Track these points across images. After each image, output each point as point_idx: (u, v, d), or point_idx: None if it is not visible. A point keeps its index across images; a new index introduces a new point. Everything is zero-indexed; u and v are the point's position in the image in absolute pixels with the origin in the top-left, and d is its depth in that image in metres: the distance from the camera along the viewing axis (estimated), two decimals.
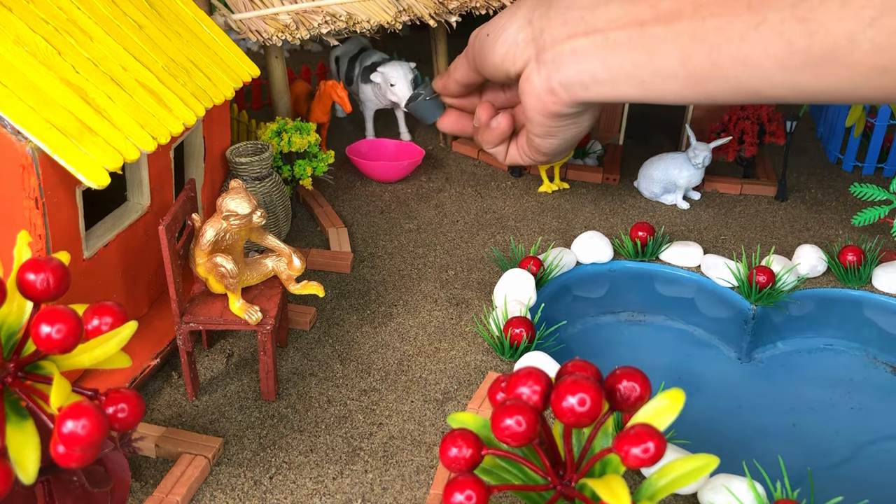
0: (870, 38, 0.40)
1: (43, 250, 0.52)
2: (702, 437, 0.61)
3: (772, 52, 0.45)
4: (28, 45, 0.53)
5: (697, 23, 0.47)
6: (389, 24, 0.88)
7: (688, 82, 0.50)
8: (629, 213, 0.90)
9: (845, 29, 0.41)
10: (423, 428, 0.58)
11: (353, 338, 0.68)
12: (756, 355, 0.77)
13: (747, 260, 0.80)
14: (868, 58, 0.41)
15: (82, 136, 0.51)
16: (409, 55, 1.08)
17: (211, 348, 0.65)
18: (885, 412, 0.72)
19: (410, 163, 0.95)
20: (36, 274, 0.36)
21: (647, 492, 0.37)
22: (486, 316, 0.70)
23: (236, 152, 0.75)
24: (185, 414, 0.58)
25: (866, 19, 0.40)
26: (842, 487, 0.52)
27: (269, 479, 0.53)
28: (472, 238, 0.84)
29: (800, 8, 0.43)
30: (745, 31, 0.45)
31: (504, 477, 0.39)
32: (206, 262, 0.56)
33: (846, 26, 0.41)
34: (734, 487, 0.50)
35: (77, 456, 0.34)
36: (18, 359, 0.37)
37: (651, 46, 0.50)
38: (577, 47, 0.54)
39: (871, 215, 0.80)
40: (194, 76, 0.65)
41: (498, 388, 0.39)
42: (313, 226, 0.86)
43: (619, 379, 0.36)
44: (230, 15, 0.80)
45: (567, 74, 0.55)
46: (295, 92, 0.95)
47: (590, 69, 0.54)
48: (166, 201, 0.66)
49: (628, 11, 0.51)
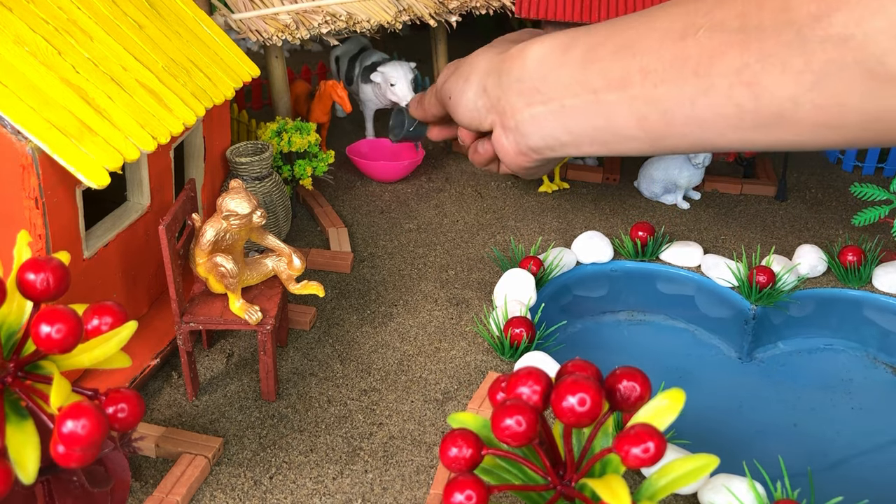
0: (811, 99, 0.43)
1: (43, 250, 0.52)
2: (702, 437, 0.61)
3: (723, 114, 0.48)
4: (28, 45, 0.53)
5: (648, 89, 0.50)
6: (389, 24, 0.88)
7: (647, 141, 0.53)
8: (629, 212, 0.90)
9: (789, 92, 0.44)
10: (423, 428, 0.58)
11: (354, 338, 0.68)
12: (756, 355, 0.77)
13: (747, 260, 0.80)
14: (811, 116, 0.44)
15: (82, 136, 0.51)
16: (409, 55, 1.08)
17: (211, 348, 0.65)
18: (885, 412, 0.72)
19: (410, 163, 0.95)
20: (36, 274, 0.36)
21: (647, 492, 0.37)
22: (487, 316, 0.70)
23: (236, 152, 0.75)
24: (185, 414, 0.58)
25: (807, 84, 0.43)
26: (842, 487, 0.52)
27: (269, 479, 0.53)
28: (473, 238, 0.84)
29: (744, 74, 0.46)
30: (695, 96, 0.48)
31: (504, 477, 0.39)
32: (206, 262, 0.56)
33: (789, 90, 0.44)
34: (734, 487, 0.50)
35: (77, 456, 0.34)
36: (18, 359, 0.37)
37: (607, 112, 0.53)
38: (537, 114, 0.57)
39: (871, 215, 0.80)
40: (194, 76, 0.65)
41: (498, 387, 0.39)
42: (313, 226, 0.86)
43: (619, 379, 0.36)
44: (230, 15, 0.80)
45: (533, 140, 0.58)
46: (295, 92, 0.95)
47: (553, 134, 0.57)
48: (166, 201, 0.66)
49: (579, 80, 0.54)
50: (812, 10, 0.42)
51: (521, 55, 0.57)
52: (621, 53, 0.52)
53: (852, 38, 0.40)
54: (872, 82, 0.41)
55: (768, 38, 0.44)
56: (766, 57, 0.45)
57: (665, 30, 0.50)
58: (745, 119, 0.47)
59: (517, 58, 0.58)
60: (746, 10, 0.45)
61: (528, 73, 0.57)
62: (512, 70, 0.58)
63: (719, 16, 0.47)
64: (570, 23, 0.85)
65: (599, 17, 0.83)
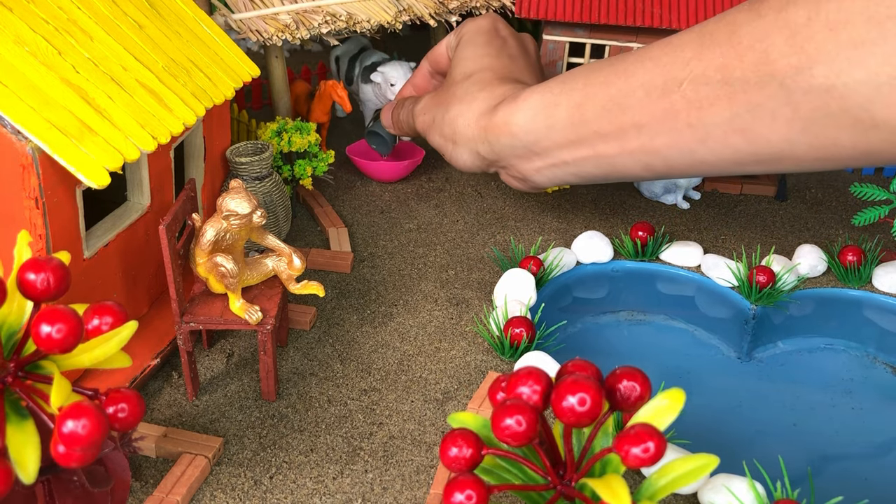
0: (805, 141, 0.45)
1: (43, 250, 0.52)
2: (702, 436, 0.61)
3: (723, 157, 0.49)
4: (28, 45, 0.53)
5: (646, 142, 0.52)
6: (389, 24, 0.88)
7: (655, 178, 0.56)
8: (629, 212, 0.90)
9: (782, 136, 0.45)
10: (424, 428, 0.58)
11: (354, 337, 0.68)
12: (756, 355, 0.77)
13: (747, 260, 0.80)
14: (808, 154, 0.46)
15: (82, 136, 0.51)
16: (409, 55, 1.08)
17: (211, 348, 0.65)
18: (885, 412, 0.72)
19: (410, 163, 0.95)
20: (36, 274, 0.36)
21: (647, 491, 0.37)
22: (487, 316, 0.70)
23: (236, 152, 0.75)
24: (186, 414, 0.58)
25: (798, 129, 0.44)
26: (842, 487, 0.52)
27: (270, 479, 0.53)
28: (473, 238, 0.84)
29: (735, 123, 0.47)
30: (694, 146, 0.50)
31: (504, 477, 0.39)
32: (206, 262, 0.56)
33: (782, 134, 0.45)
34: (734, 487, 0.50)
35: (77, 456, 0.34)
36: (19, 358, 0.37)
37: (612, 163, 0.55)
38: (541, 168, 0.59)
39: (872, 215, 0.80)
40: (194, 76, 0.65)
41: (498, 387, 0.39)
42: (313, 225, 0.86)
43: (619, 378, 0.36)
44: (230, 15, 0.80)
45: (541, 183, 0.61)
46: (295, 92, 0.95)
47: (562, 179, 0.60)
48: (166, 201, 0.66)
49: (573, 140, 0.56)
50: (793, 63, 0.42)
51: (505, 125, 0.58)
52: (610, 112, 0.52)
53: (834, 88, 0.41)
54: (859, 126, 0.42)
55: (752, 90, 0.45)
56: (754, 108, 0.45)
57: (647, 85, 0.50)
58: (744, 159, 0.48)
59: (502, 128, 0.58)
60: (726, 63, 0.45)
61: (519, 140, 0.57)
62: (500, 139, 0.58)
63: (699, 68, 0.47)
64: (571, 23, 0.85)
65: (599, 18, 0.83)
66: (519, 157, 0.58)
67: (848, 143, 0.43)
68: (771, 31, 0.43)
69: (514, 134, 0.57)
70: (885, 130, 0.40)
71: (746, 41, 0.44)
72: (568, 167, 0.56)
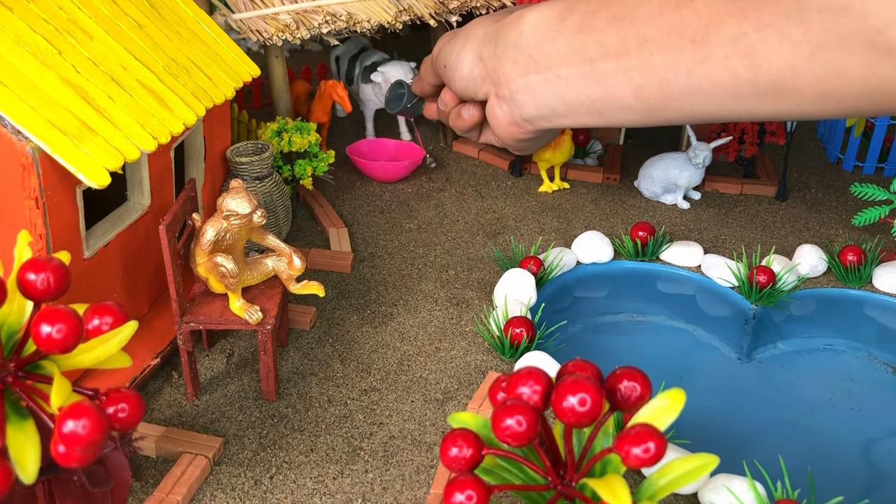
0: (810, 70, 0.42)
1: (43, 250, 0.52)
2: (702, 436, 0.61)
3: (720, 84, 0.47)
4: (28, 45, 0.53)
5: (645, 58, 0.49)
6: (389, 24, 0.88)
7: (643, 112, 0.52)
8: (629, 212, 0.90)
9: (787, 62, 0.43)
10: (424, 428, 0.58)
11: (354, 337, 0.68)
12: (756, 355, 0.77)
13: (748, 260, 0.80)
14: (811, 87, 0.43)
15: (83, 136, 0.51)
16: (409, 55, 1.08)
17: (211, 348, 0.65)
18: (885, 412, 0.72)
19: (411, 163, 0.95)
20: (36, 274, 0.36)
21: (647, 491, 0.37)
22: (487, 316, 0.70)
23: (237, 152, 0.75)
24: (186, 414, 0.58)
25: (805, 54, 0.42)
26: (842, 487, 0.52)
27: (270, 479, 0.53)
28: (473, 238, 0.84)
29: (741, 43, 0.45)
30: (692, 66, 0.47)
31: (504, 477, 0.39)
32: (206, 262, 0.56)
33: (787, 60, 0.43)
34: (734, 487, 0.50)
35: (77, 455, 0.34)
36: (19, 358, 0.37)
37: (603, 81, 0.52)
38: (532, 83, 0.56)
39: (872, 215, 0.80)
40: (195, 76, 0.65)
41: (498, 387, 0.39)
42: (313, 225, 0.86)
43: (619, 379, 0.36)
44: (230, 14, 0.80)
45: (527, 110, 0.56)
46: (295, 92, 0.95)
47: (548, 104, 0.55)
48: (167, 201, 0.66)
49: (576, 49, 0.53)
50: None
51: (517, 22, 0.56)
52: (619, 22, 0.50)
53: (851, 7, 0.39)
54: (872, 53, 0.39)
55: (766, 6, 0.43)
56: (763, 26, 0.43)
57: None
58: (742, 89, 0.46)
59: (514, 24, 0.56)
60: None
61: (525, 41, 0.55)
62: (508, 37, 0.56)
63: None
64: None
65: None
66: (517, 62, 0.56)
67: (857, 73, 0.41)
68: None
69: (521, 33, 0.55)
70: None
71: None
72: (560, 84, 0.54)
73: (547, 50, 0.54)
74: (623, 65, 0.50)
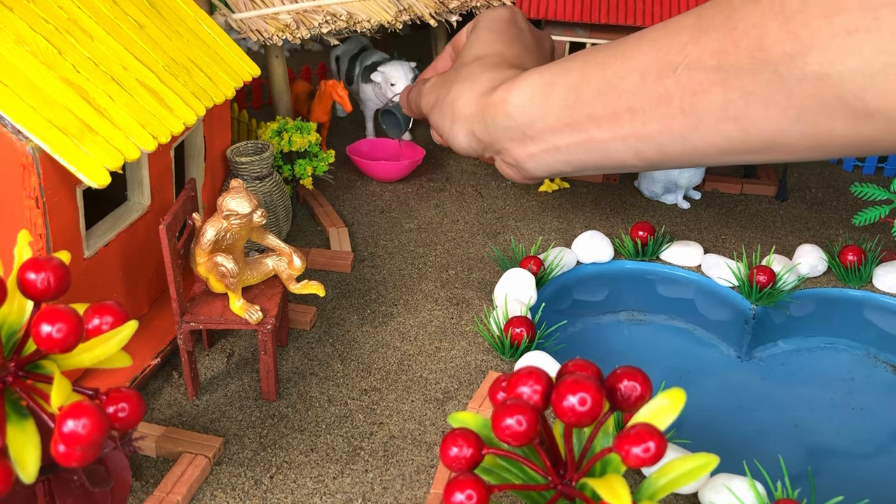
0: (799, 130, 0.44)
1: (43, 250, 0.52)
2: (702, 436, 0.61)
3: (715, 145, 0.48)
4: (28, 45, 0.53)
5: (638, 127, 0.51)
6: (390, 24, 0.88)
7: (647, 168, 0.55)
8: (629, 212, 0.90)
9: (775, 125, 0.45)
10: (424, 427, 0.58)
11: (354, 337, 0.68)
12: (756, 355, 0.77)
13: (748, 259, 0.80)
14: (801, 142, 0.45)
15: (83, 136, 0.51)
16: (409, 55, 1.08)
17: (211, 348, 0.65)
18: (885, 412, 0.72)
19: (411, 163, 0.95)
20: (36, 273, 0.36)
21: (647, 491, 0.37)
22: (487, 315, 0.70)
23: (237, 152, 0.75)
24: (186, 413, 0.58)
25: (792, 117, 0.43)
26: (842, 487, 0.52)
27: (270, 479, 0.53)
28: (473, 237, 0.84)
29: (729, 110, 0.46)
30: (686, 133, 0.49)
31: (504, 476, 0.39)
32: (206, 262, 0.56)
33: (776, 123, 0.44)
34: (735, 487, 0.50)
35: (78, 455, 0.34)
36: (19, 358, 0.37)
37: (604, 149, 0.54)
38: (533, 154, 0.58)
39: (872, 215, 0.80)
40: (195, 76, 0.65)
41: (498, 387, 0.39)
42: (314, 225, 0.86)
43: (619, 378, 0.36)
44: (231, 14, 0.80)
45: (535, 172, 0.59)
46: (295, 91, 0.95)
47: (553, 168, 0.58)
48: (167, 201, 0.66)
49: (568, 123, 0.55)
50: (787, 50, 0.42)
51: (502, 104, 0.57)
52: (604, 96, 0.52)
53: (828, 76, 0.40)
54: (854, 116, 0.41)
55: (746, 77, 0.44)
56: (747, 94, 0.44)
57: (643, 69, 0.49)
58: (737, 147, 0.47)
59: (499, 107, 0.57)
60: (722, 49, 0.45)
61: (514, 121, 0.57)
62: (496, 119, 0.58)
63: (695, 53, 0.46)
64: (571, 23, 0.85)
65: (600, 18, 0.83)
66: (513, 139, 0.57)
67: (841, 132, 0.42)
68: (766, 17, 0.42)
69: (509, 114, 0.56)
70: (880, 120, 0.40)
71: (741, 26, 0.44)
72: (560, 153, 0.56)
73: (539, 126, 0.56)
74: (619, 133, 0.52)
